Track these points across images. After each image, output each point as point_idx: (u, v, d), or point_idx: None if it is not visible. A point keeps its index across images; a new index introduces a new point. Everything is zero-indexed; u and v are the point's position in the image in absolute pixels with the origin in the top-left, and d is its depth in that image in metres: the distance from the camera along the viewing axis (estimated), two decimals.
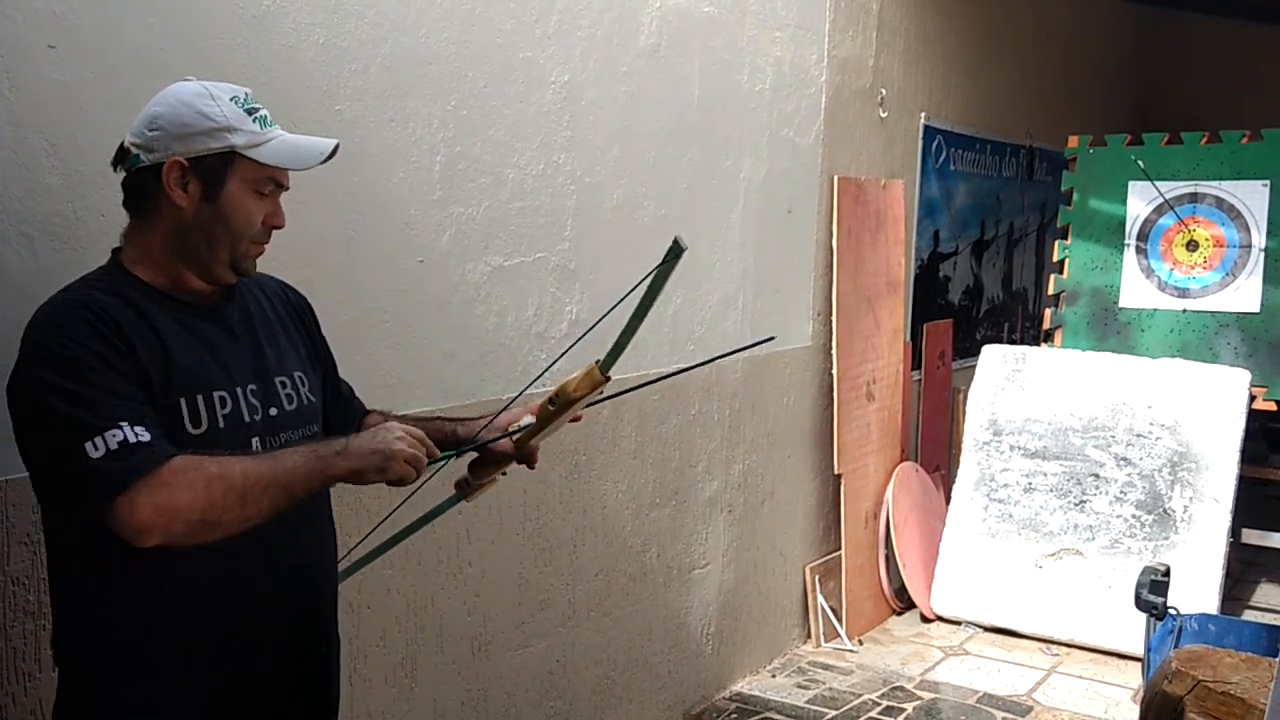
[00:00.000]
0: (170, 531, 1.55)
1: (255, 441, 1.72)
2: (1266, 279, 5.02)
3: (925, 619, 5.00)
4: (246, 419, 1.72)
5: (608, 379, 1.79)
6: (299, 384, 1.84)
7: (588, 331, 2.09)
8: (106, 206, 2.08)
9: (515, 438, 1.91)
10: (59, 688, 1.75)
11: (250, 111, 1.72)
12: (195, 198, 1.69)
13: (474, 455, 1.95)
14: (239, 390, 1.72)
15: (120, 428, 1.53)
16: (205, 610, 1.68)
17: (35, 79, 2.00)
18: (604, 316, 1.99)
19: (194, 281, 1.73)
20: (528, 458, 1.94)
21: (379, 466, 1.67)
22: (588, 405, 1.86)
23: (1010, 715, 4.09)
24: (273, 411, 1.76)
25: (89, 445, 1.52)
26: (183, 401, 1.65)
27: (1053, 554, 4.82)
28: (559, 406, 1.82)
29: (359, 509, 2.67)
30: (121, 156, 1.72)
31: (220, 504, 1.56)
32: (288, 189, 1.80)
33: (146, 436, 1.55)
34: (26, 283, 1.96)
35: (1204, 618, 3.30)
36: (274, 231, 1.80)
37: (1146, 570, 3.25)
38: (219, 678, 1.70)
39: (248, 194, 1.72)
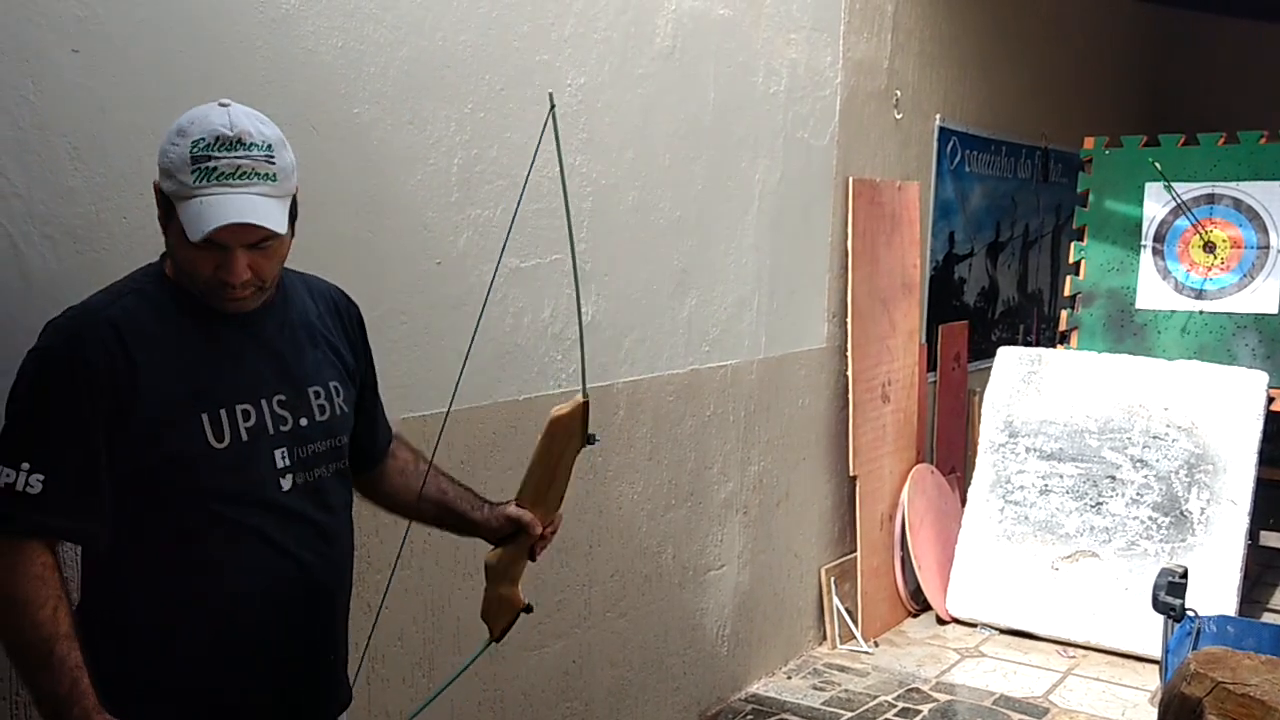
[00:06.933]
0: None
1: (280, 455, 1.71)
2: None
3: (941, 621, 5.00)
4: (271, 431, 1.70)
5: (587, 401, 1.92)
6: (333, 394, 1.81)
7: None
8: (129, 209, 2.10)
9: (518, 496, 1.99)
10: None
11: (200, 159, 1.56)
12: (164, 223, 1.67)
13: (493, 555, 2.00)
14: (264, 402, 1.70)
15: (19, 470, 1.54)
16: (210, 613, 1.68)
17: (59, 83, 2.02)
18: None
19: None
20: (532, 526, 1.96)
21: None
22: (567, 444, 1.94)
23: (1026, 717, 4.09)
24: (303, 422, 1.74)
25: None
26: (204, 417, 1.63)
27: (1069, 556, 4.80)
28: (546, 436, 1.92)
29: (377, 525, 2.68)
30: None
31: None
32: (249, 246, 1.61)
33: (37, 489, 1.54)
34: (49, 285, 1.97)
35: (1222, 619, 3.29)
36: (270, 268, 1.68)
37: (1164, 572, 3.24)
38: (220, 683, 1.70)
39: (184, 242, 1.60)
